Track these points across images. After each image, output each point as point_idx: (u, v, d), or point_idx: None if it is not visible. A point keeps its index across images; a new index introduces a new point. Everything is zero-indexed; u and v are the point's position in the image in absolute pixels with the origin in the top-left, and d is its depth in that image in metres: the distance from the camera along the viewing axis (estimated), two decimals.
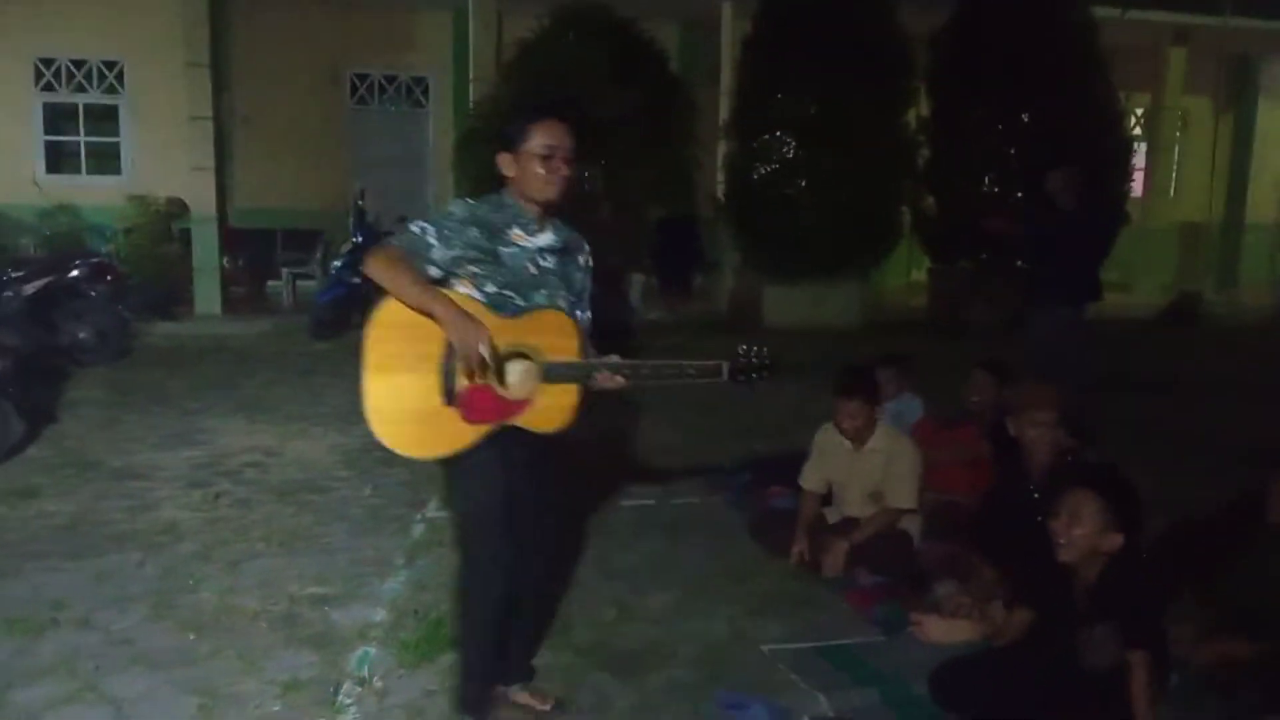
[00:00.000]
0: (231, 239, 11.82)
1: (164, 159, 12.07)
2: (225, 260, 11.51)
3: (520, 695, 3.10)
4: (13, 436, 5.54)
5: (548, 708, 3.07)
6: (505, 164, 2.80)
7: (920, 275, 13.87)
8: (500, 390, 2.71)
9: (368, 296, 10.16)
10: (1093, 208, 6.87)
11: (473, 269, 2.75)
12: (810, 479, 4.46)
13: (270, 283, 12.30)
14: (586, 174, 11.13)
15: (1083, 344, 6.51)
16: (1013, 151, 11.50)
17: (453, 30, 13.44)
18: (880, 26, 11.35)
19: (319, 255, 12.08)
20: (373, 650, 3.47)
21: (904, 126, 11.97)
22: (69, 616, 3.68)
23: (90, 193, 12.33)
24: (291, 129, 13.02)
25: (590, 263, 3.00)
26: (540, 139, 2.75)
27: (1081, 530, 2.85)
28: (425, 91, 13.97)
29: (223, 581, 4.03)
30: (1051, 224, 6.64)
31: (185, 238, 11.53)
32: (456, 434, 2.71)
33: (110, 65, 12.63)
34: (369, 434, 2.73)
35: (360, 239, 9.89)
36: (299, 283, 12.17)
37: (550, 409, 2.74)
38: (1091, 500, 2.85)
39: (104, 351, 7.98)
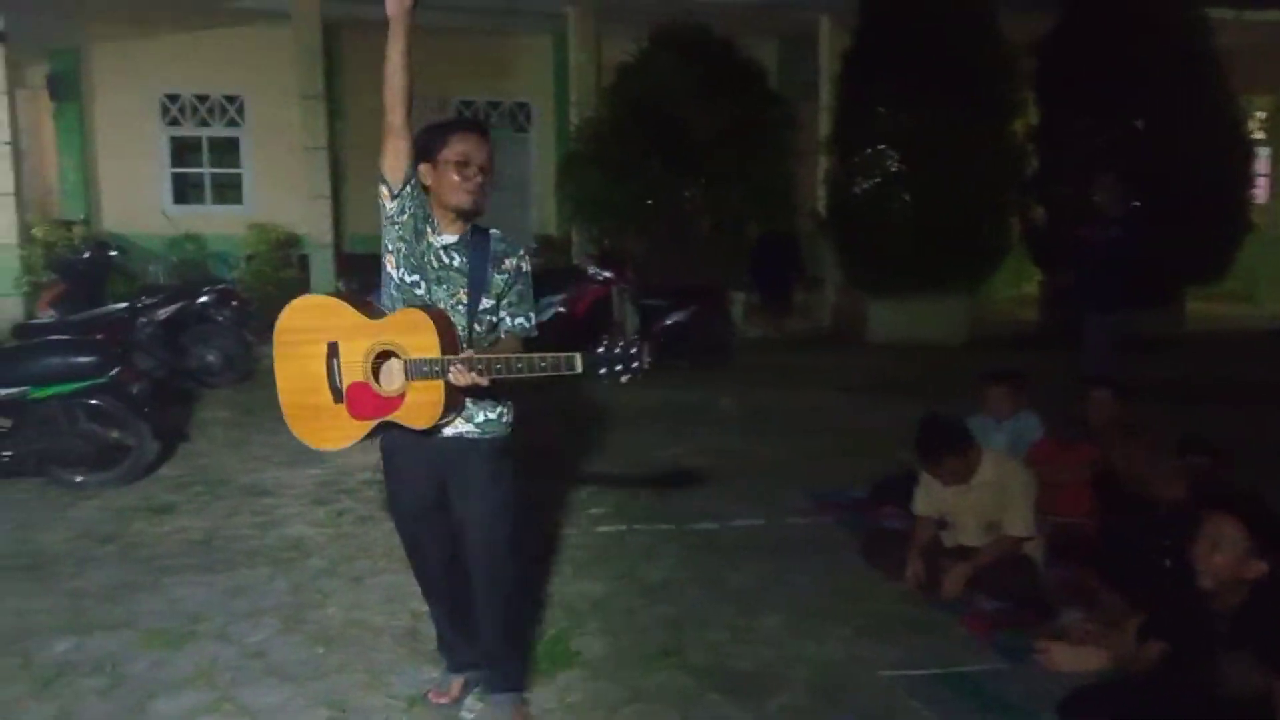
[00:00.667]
0: (345, 264, 12.22)
1: (283, 188, 12.59)
2: (340, 284, 11.90)
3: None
4: (149, 455, 5.83)
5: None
6: (424, 174, 2.91)
7: (1031, 288, 13.51)
8: (376, 389, 2.86)
9: None
10: (1136, 214, 6.96)
11: (400, 245, 2.93)
12: (923, 506, 4.38)
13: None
14: (687, 193, 11.23)
15: (1111, 346, 6.64)
16: (1125, 159, 11.14)
17: (553, 55, 13.69)
18: (982, 36, 11.13)
19: None
20: None
21: (1010, 136, 11.70)
22: (206, 629, 3.86)
23: (214, 222, 12.94)
24: None
25: (525, 267, 3.05)
26: (456, 147, 2.88)
27: (1223, 558, 2.75)
28: (528, 116, 14.25)
29: (348, 597, 4.17)
30: (1102, 231, 6.95)
31: (303, 263, 11.99)
32: (350, 429, 2.91)
33: (231, 99, 13.24)
34: None
35: None
36: None
37: (419, 405, 2.83)
38: (1233, 526, 2.75)
39: (229, 374, 8.35)
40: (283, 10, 11.40)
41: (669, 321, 9.49)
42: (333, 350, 2.86)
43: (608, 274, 9.91)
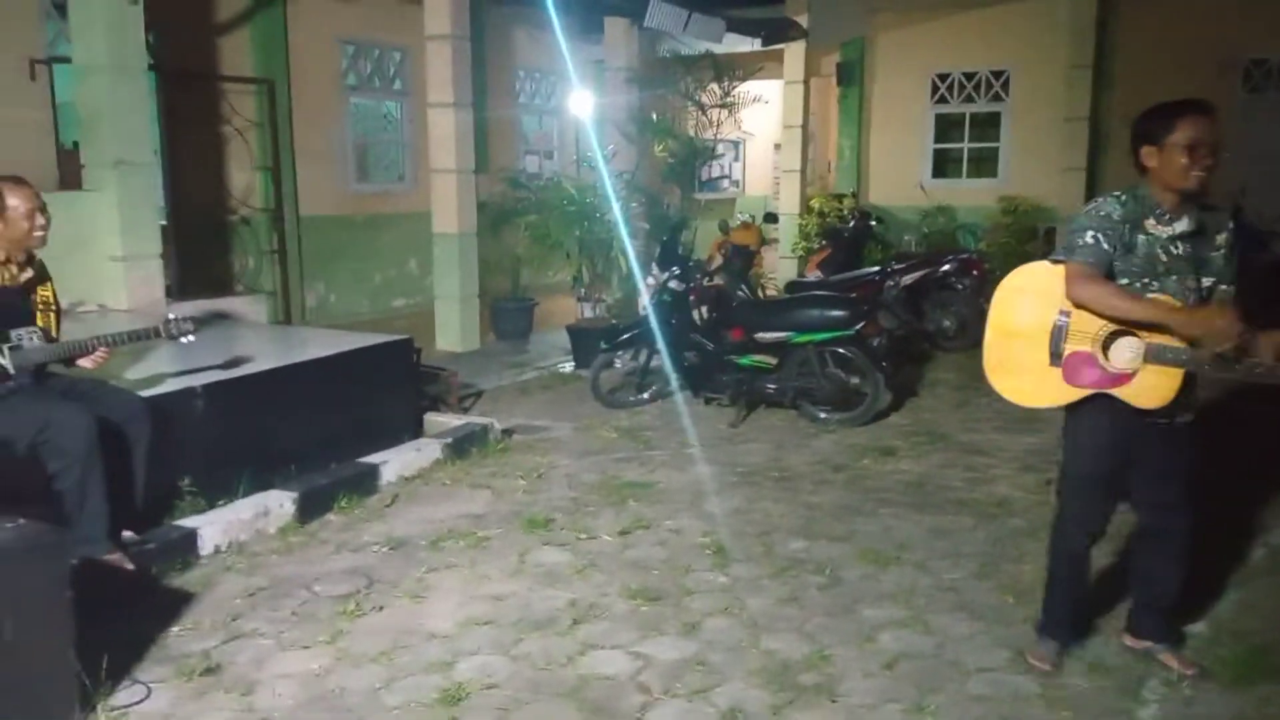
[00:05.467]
0: None
1: (1036, 161, 12.65)
2: None
3: (1166, 656, 3.27)
4: (881, 403, 6.51)
5: (1190, 673, 3.21)
6: (1148, 156, 2.96)
7: None
8: (1103, 361, 2.95)
9: None
10: None
11: (1115, 263, 2.96)
12: None
13: None
14: None
15: None
16: None
17: None
18: None
19: None
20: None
21: None
22: (909, 558, 4.30)
23: (966, 194, 13.52)
24: None
25: (1233, 239, 3.02)
26: (1185, 132, 2.89)
27: None
28: None
29: (1043, 559, 4.23)
30: None
31: (1049, 236, 11.94)
32: (1057, 392, 3.06)
33: (997, 75, 13.58)
34: None
35: None
36: None
37: (1151, 387, 2.92)
38: None
39: (963, 339, 8.75)
40: None
41: None
42: (1064, 315, 3.00)
43: None
